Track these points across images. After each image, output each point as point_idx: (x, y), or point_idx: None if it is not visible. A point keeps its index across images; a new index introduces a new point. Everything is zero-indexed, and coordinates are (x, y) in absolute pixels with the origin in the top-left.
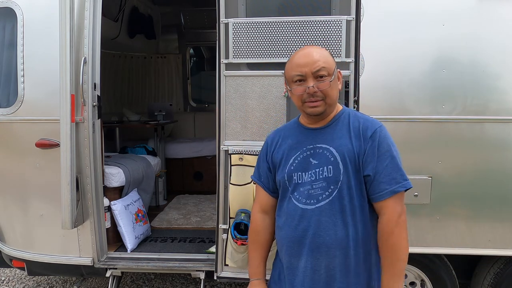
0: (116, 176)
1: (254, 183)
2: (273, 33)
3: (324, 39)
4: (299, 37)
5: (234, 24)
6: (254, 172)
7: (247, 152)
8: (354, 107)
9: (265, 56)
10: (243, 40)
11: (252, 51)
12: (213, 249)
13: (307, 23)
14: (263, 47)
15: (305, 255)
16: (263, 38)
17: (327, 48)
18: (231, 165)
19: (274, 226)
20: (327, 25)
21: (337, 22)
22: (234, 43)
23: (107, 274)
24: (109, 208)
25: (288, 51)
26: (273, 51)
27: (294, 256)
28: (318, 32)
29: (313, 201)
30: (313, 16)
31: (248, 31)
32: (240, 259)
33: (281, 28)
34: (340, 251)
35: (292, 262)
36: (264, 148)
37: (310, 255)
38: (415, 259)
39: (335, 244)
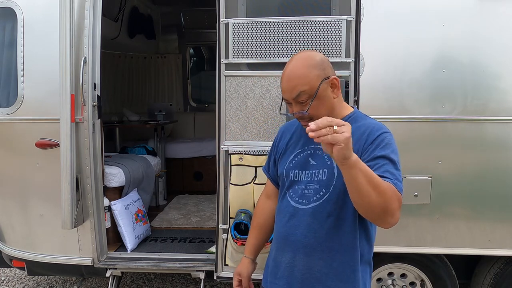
0: (116, 176)
1: (254, 183)
2: (273, 33)
3: (324, 39)
4: (299, 37)
5: (234, 24)
6: (265, 163)
7: (247, 152)
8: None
9: (265, 56)
10: (243, 40)
11: (252, 51)
12: (213, 249)
13: (307, 23)
14: (263, 47)
15: (290, 252)
16: (263, 38)
17: (327, 48)
18: (231, 165)
19: (274, 211)
20: (327, 25)
21: (337, 22)
22: (234, 43)
23: (107, 274)
24: (109, 208)
25: (288, 51)
26: (273, 51)
27: (280, 251)
28: (318, 32)
29: (305, 201)
30: (313, 16)
31: (248, 31)
32: (240, 259)
33: (281, 28)
34: (325, 255)
35: (277, 256)
36: (274, 140)
37: (295, 254)
38: (415, 259)
39: (320, 247)
